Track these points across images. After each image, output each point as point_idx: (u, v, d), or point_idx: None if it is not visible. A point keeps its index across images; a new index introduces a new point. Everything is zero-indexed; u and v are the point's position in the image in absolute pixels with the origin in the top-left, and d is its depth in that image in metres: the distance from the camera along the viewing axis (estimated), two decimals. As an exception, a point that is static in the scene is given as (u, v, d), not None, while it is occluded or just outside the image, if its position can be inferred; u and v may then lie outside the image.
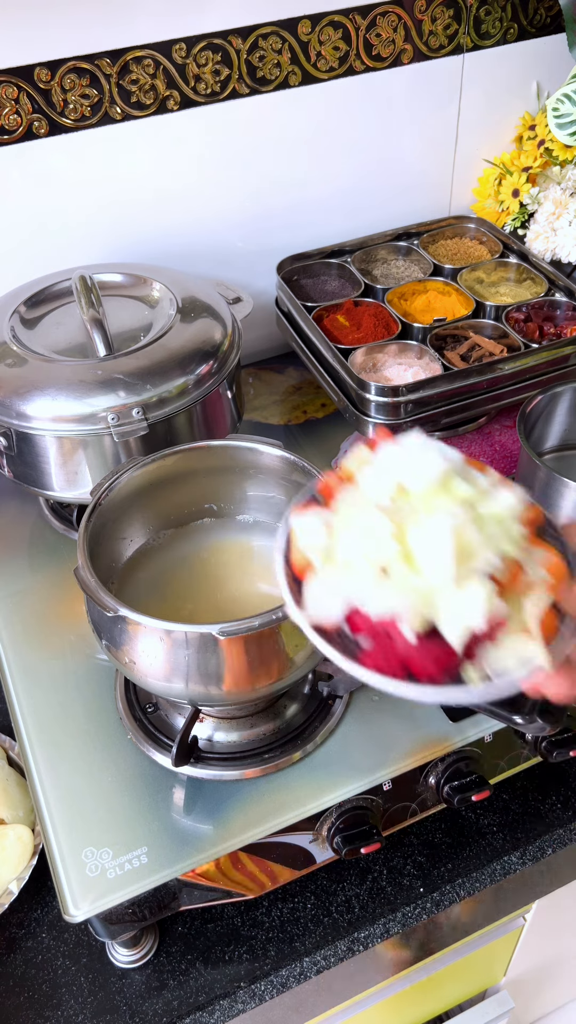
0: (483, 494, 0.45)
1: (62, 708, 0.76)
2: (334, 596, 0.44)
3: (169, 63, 0.96)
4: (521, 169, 1.18)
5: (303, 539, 0.46)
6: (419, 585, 0.42)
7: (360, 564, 0.43)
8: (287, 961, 0.70)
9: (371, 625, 0.43)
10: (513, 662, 0.43)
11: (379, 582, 0.43)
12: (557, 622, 0.45)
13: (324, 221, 1.16)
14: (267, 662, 0.63)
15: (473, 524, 0.43)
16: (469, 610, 0.42)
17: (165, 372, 0.83)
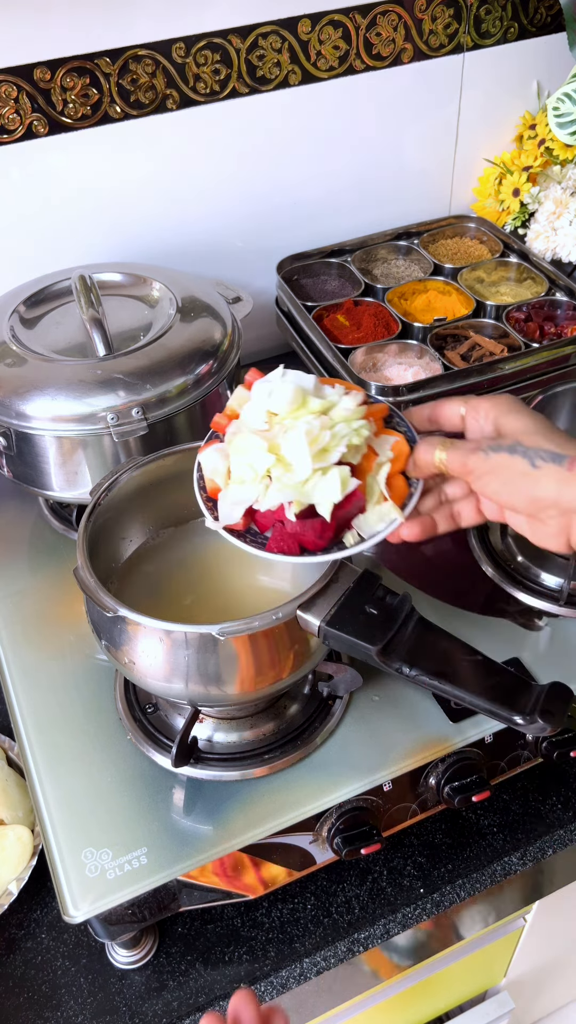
0: (332, 404, 0.58)
1: (61, 708, 0.76)
2: (237, 505, 0.58)
3: (168, 63, 0.96)
4: (521, 168, 1.18)
5: (207, 468, 0.60)
6: (293, 480, 0.56)
7: (249, 476, 0.57)
8: (287, 962, 0.70)
9: (268, 518, 0.57)
10: (378, 523, 0.58)
11: (265, 486, 0.56)
12: (407, 487, 0.60)
13: (324, 220, 1.16)
14: (267, 662, 0.63)
15: (324, 428, 0.56)
16: (330, 489, 0.55)
17: (165, 372, 0.83)
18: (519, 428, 0.55)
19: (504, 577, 0.86)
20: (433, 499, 0.61)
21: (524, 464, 0.53)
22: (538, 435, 0.54)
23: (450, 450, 0.56)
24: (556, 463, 0.52)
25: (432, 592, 0.83)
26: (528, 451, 0.53)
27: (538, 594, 0.84)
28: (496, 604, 0.84)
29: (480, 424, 0.58)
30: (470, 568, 0.88)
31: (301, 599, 0.61)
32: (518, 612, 0.83)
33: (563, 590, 0.83)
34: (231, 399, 0.60)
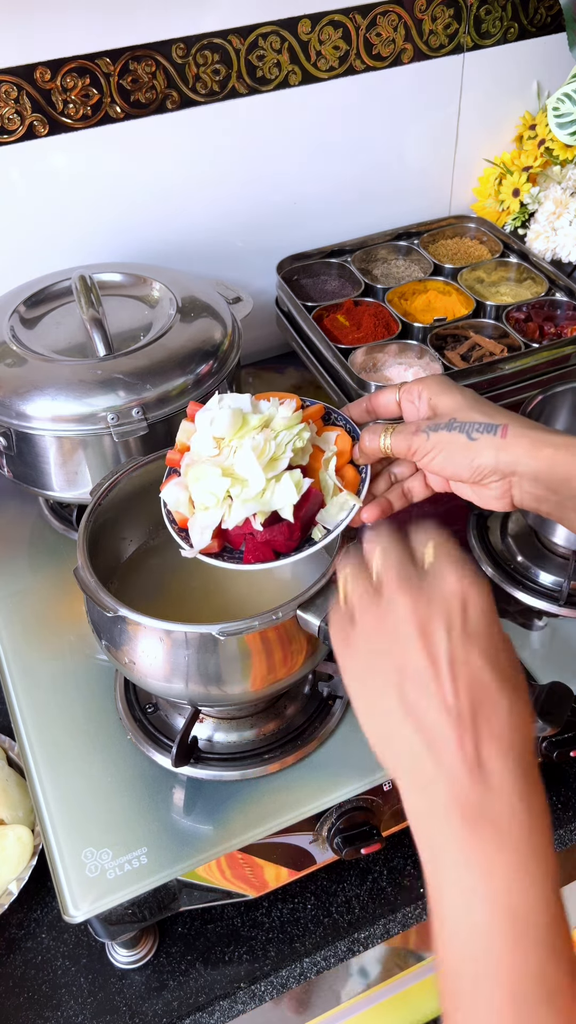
0: (270, 416, 0.61)
1: (62, 708, 0.76)
2: (205, 529, 0.60)
3: (168, 63, 0.96)
4: (521, 168, 1.18)
5: (170, 503, 0.63)
6: (251, 494, 0.59)
7: (211, 501, 0.60)
8: (287, 962, 0.70)
9: (238, 534, 0.60)
10: (339, 513, 0.62)
11: (228, 506, 0.60)
12: (358, 474, 0.64)
13: (324, 221, 1.16)
14: (267, 662, 0.63)
15: (268, 440, 0.59)
16: (287, 493, 0.59)
17: (165, 372, 0.83)
18: (452, 405, 0.59)
19: (504, 577, 0.86)
20: (384, 481, 0.66)
21: (462, 438, 0.57)
22: (471, 409, 0.58)
23: (393, 435, 0.61)
24: (491, 433, 0.57)
25: (432, 592, 0.83)
26: (464, 425, 0.58)
27: (538, 594, 0.84)
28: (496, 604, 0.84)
29: (416, 406, 0.62)
30: (470, 568, 0.87)
31: (301, 599, 0.61)
32: (518, 612, 0.83)
33: (563, 590, 0.83)
34: (179, 433, 0.64)
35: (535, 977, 0.35)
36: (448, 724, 0.39)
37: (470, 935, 0.36)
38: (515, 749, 0.39)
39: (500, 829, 0.37)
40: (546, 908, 0.36)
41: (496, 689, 0.40)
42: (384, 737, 0.43)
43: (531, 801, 0.38)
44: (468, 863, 0.37)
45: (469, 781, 0.38)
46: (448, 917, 0.37)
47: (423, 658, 0.41)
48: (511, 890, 0.36)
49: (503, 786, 0.38)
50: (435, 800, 0.39)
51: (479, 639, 0.42)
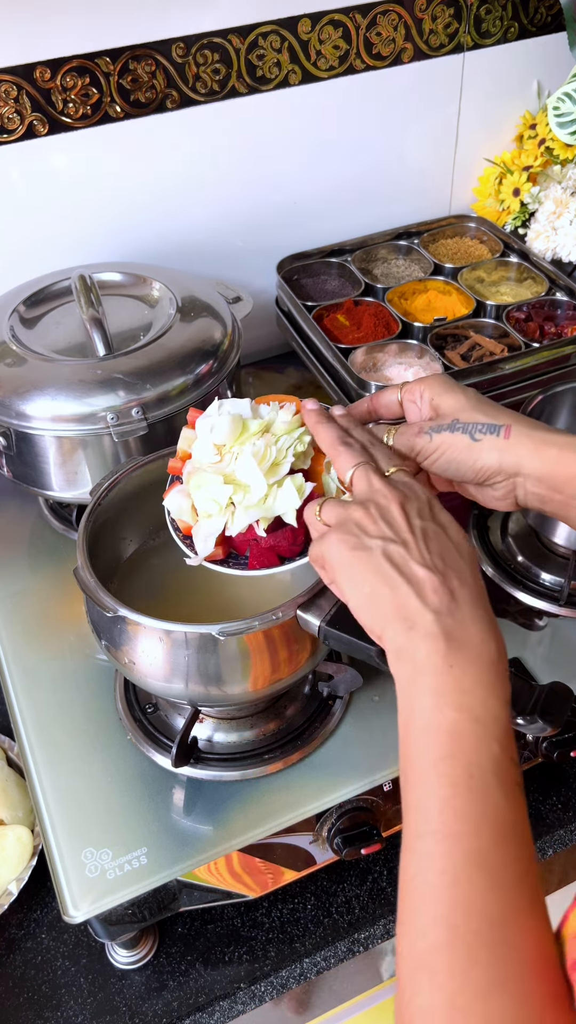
0: (270, 421, 0.62)
1: (61, 708, 0.76)
2: (209, 537, 0.60)
3: (168, 62, 0.96)
4: (522, 168, 1.18)
5: (173, 511, 0.62)
6: (254, 500, 0.59)
7: (214, 509, 0.60)
8: (287, 962, 0.70)
9: (243, 540, 0.60)
10: None
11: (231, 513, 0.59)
12: None
13: (324, 220, 1.16)
14: (267, 662, 0.63)
15: (269, 445, 0.60)
16: (290, 498, 0.59)
17: (165, 372, 0.83)
18: (455, 406, 0.59)
19: (504, 577, 0.86)
20: None
21: (465, 439, 0.58)
22: (473, 410, 0.59)
23: (396, 437, 0.61)
24: (493, 433, 0.57)
25: (432, 592, 0.83)
26: (467, 426, 0.58)
27: (538, 594, 0.84)
28: (496, 604, 0.84)
29: (418, 406, 0.62)
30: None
31: (301, 599, 0.61)
32: (518, 612, 0.83)
33: (563, 590, 0.83)
34: (180, 440, 0.64)
35: (488, 765, 0.43)
36: (429, 576, 0.48)
37: (436, 728, 0.44)
38: (481, 595, 0.49)
39: (473, 651, 0.46)
40: (500, 716, 0.45)
41: (459, 560, 0.50)
42: (372, 596, 0.49)
43: (495, 634, 0.48)
44: (444, 674, 0.45)
45: (449, 615, 0.47)
46: (418, 715, 0.45)
47: (405, 530, 0.50)
48: (475, 698, 0.45)
49: (475, 620, 0.47)
50: (421, 631, 0.47)
51: (444, 525, 0.52)
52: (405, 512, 0.51)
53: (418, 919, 0.41)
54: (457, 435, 0.58)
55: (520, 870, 0.41)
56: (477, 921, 0.40)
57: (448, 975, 0.39)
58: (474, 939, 0.39)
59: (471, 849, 0.41)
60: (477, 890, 0.40)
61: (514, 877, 0.41)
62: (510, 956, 0.39)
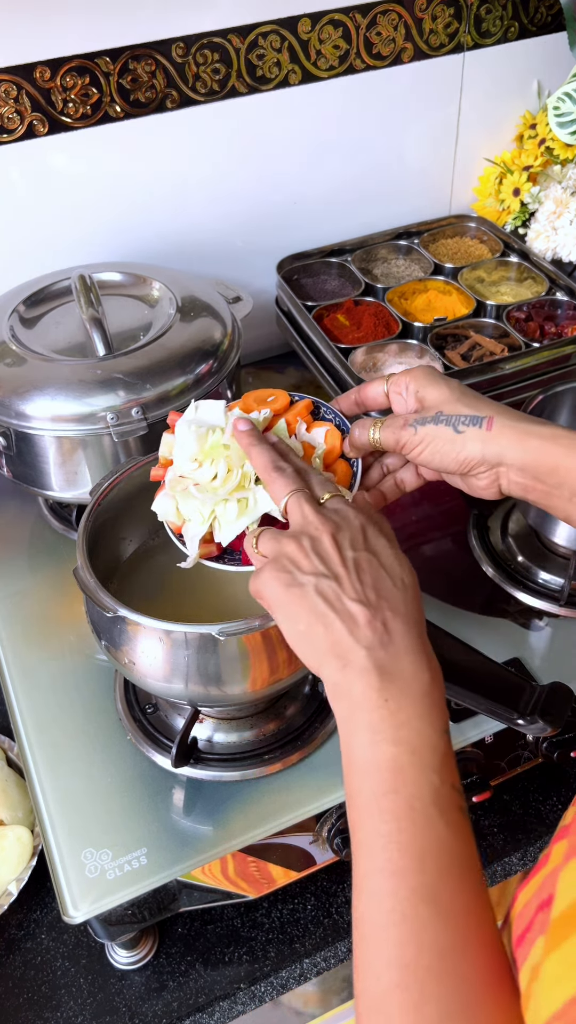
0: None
1: (61, 709, 0.76)
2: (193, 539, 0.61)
3: (168, 62, 0.96)
4: (522, 168, 1.18)
5: (160, 514, 0.63)
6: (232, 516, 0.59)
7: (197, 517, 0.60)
8: (287, 962, 0.70)
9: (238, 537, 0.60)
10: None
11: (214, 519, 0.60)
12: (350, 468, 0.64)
13: (324, 220, 1.16)
14: (267, 663, 0.63)
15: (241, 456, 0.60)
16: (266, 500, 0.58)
17: (165, 371, 0.83)
18: (439, 398, 0.60)
19: (504, 577, 0.86)
20: (377, 472, 0.67)
21: (449, 431, 0.59)
22: (457, 402, 0.59)
23: (382, 429, 0.62)
24: (476, 425, 0.58)
25: (432, 592, 0.83)
26: (450, 418, 0.59)
27: (538, 594, 0.84)
28: (496, 604, 0.84)
29: (403, 398, 0.62)
30: (470, 568, 0.87)
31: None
32: (518, 612, 0.83)
33: (563, 590, 0.83)
34: (161, 446, 0.65)
35: (429, 796, 0.43)
36: (361, 610, 0.48)
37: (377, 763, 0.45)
38: (415, 625, 0.49)
39: (406, 683, 0.46)
40: (438, 745, 0.45)
41: (393, 589, 0.50)
42: (307, 633, 0.49)
43: (429, 664, 0.48)
44: (379, 709, 0.46)
45: (382, 648, 0.47)
46: (357, 752, 0.46)
47: (338, 564, 0.50)
48: (412, 730, 0.45)
49: (408, 651, 0.47)
50: (355, 667, 0.47)
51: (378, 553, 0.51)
52: (337, 544, 0.51)
53: (372, 961, 0.41)
54: (441, 427, 0.59)
55: (468, 899, 0.42)
56: (428, 956, 0.40)
57: (401, 1015, 0.39)
58: (425, 974, 0.40)
59: (416, 884, 0.42)
60: (426, 925, 0.41)
61: (462, 907, 0.41)
62: (461, 988, 0.39)
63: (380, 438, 0.62)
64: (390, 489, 0.66)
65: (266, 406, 0.67)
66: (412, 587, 0.51)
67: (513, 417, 0.58)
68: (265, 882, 0.70)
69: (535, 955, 0.39)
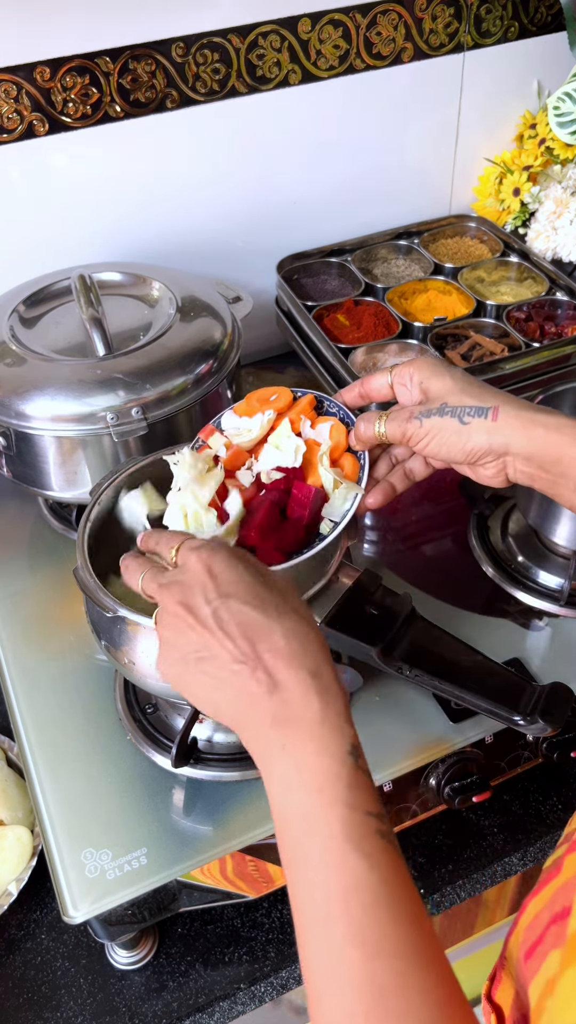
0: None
1: (61, 709, 0.76)
2: None
3: (168, 62, 0.96)
4: (522, 168, 1.18)
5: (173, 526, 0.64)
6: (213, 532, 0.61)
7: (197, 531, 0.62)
8: (287, 963, 0.70)
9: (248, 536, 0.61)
10: (343, 504, 0.63)
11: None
12: (357, 462, 0.65)
13: (324, 220, 1.16)
14: (267, 663, 0.63)
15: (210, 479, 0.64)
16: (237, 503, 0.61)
17: (164, 371, 0.83)
18: (443, 389, 0.60)
19: (504, 577, 0.86)
20: (385, 464, 0.67)
21: (454, 422, 0.59)
22: (461, 392, 0.59)
23: (388, 422, 0.62)
24: (481, 416, 0.58)
25: (432, 592, 0.83)
26: (456, 409, 0.59)
27: (538, 594, 0.83)
28: (496, 604, 0.84)
29: (408, 389, 0.62)
30: (470, 568, 0.87)
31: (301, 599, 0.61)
32: (518, 612, 0.83)
33: (563, 590, 0.83)
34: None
35: (339, 832, 0.42)
36: (240, 669, 0.47)
37: (291, 811, 0.45)
38: (295, 656, 0.47)
39: (297, 720, 0.46)
40: (342, 773, 0.44)
41: (264, 620, 0.48)
42: (210, 705, 0.49)
43: (318, 690, 0.46)
44: (285, 761, 0.45)
45: (268, 697, 0.46)
46: (275, 805, 0.46)
47: (199, 634, 0.48)
48: (311, 769, 0.45)
49: (294, 686, 0.46)
50: (255, 724, 0.47)
51: (235, 590, 0.49)
52: (190, 608, 0.49)
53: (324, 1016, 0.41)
54: (446, 419, 0.59)
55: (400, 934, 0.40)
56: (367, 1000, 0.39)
57: None
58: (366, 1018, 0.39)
59: (344, 928, 0.41)
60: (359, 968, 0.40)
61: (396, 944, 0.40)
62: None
63: (386, 431, 0.62)
64: (399, 480, 0.67)
65: (269, 406, 0.67)
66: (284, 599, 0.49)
67: (518, 406, 0.58)
68: (265, 882, 0.70)
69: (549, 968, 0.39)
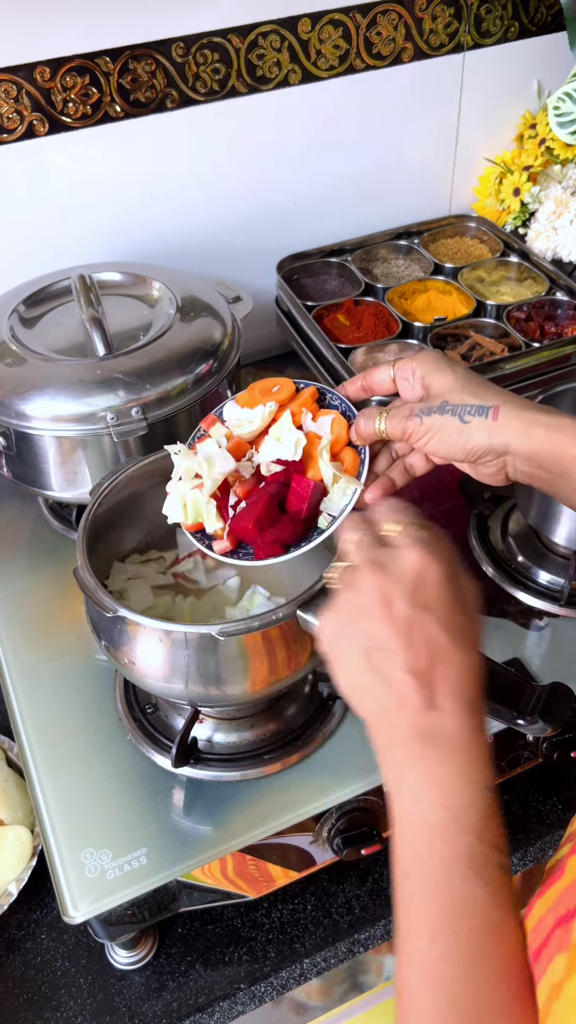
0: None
1: (61, 709, 0.76)
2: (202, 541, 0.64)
3: (168, 62, 0.96)
4: (522, 168, 1.18)
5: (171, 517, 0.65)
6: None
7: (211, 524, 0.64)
8: (287, 963, 0.70)
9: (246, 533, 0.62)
10: (342, 499, 0.63)
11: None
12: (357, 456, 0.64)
13: (324, 220, 1.16)
14: (267, 663, 0.63)
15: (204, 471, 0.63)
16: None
17: (165, 371, 0.83)
18: (445, 386, 0.60)
19: (504, 577, 0.86)
20: (385, 458, 0.66)
21: (455, 421, 0.59)
22: (462, 391, 0.59)
23: (388, 419, 0.62)
24: (482, 415, 0.58)
25: (432, 592, 0.83)
26: (456, 408, 0.59)
27: (538, 594, 0.83)
28: (496, 604, 0.84)
29: (410, 384, 0.62)
30: (470, 568, 0.87)
31: (301, 599, 0.61)
32: (518, 612, 0.83)
33: (563, 590, 0.83)
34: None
35: (465, 855, 0.43)
36: (409, 680, 0.47)
37: (418, 822, 0.45)
38: (464, 690, 0.47)
39: (447, 744, 0.46)
40: (478, 803, 0.45)
41: (449, 647, 0.48)
42: (356, 689, 0.50)
43: (472, 725, 0.47)
44: (421, 774, 0.46)
45: (426, 713, 0.46)
46: (399, 815, 0.46)
47: (387, 627, 0.48)
48: (450, 791, 0.45)
49: (450, 716, 0.47)
50: (398, 732, 0.47)
51: (435, 607, 0.48)
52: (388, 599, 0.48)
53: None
54: (447, 417, 0.59)
55: (504, 961, 0.41)
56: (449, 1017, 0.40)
57: None
58: None
59: (451, 945, 0.42)
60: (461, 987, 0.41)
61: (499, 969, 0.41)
62: None
63: (386, 428, 0.62)
64: (399, 475, 0.66)
65: (271, 397, 0.67)
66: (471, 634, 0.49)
67: (519, 405, 0.58)
68: (265, 882, 0.70)
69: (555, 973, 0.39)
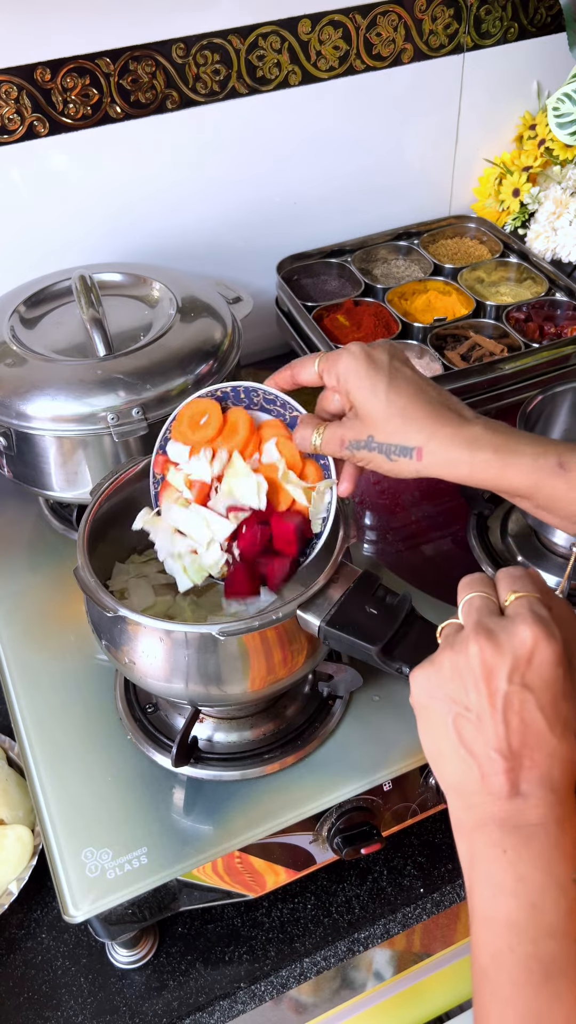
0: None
1: (62, 708, 0.76)
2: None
3: (168, 63, 0.96)
4: (521, 168, 1.18)
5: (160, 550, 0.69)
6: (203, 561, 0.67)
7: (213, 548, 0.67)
8: (287, 962, 0.70)
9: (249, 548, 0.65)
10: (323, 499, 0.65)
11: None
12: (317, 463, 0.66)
13: (324, 221, 1.16)
14: (267, 663, 0.63)
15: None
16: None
17: (165, 372, 0.83)
18: (370, 416, 0.59)
19: (504, 577, 0.86)
20: None
21: (382, 458, 0.60)
22: (387, 426, 0.59)
23: (322, 444, 0.62)
24: (407, 456, 0.59)
25: (432, 592, 0.83)
26: (382, 446, 0.59)
27: (538, 594, 0.83)
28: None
29: (333, 397, 0.62)
30: (470, 568, 0.87)
31: (301, 599, 0.61)
32: (518, 612, 0.83)
33: (563, 590, 0.83)
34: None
35: (545, 954, 0.41)
36: (496, 760, 0.44)
37: (498, 917, 0.43)
38: (553, 779, 0.45)
39: (529, 835, 0.44)
40: (560, 900, 0.42)
41: (545, 732, 0.45)
42: (439, 755, 0.47)
43: (560, 816, 0.44)
44: (498, 860, 0.44)
45: (508, 800, 0.44)
46: (478, 907, 0.44)
47: (484, 700, 0.45)
48: (531, 885, 0.43)
49: (539, 804, 0.44)
50: (477, 813, 0.45)
51: (538, 688, 0.45)
52: (490, 672, 0.45)
53: None
54: (374, 454, 0.60)
55: None
56: None
57: None
58: None
59: None
60: None
61: None
62: None
63: (320, 448, 0.63)
64: None
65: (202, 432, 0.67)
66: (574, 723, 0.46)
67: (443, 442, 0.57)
68: (265, 882, 0.71)
69: None
